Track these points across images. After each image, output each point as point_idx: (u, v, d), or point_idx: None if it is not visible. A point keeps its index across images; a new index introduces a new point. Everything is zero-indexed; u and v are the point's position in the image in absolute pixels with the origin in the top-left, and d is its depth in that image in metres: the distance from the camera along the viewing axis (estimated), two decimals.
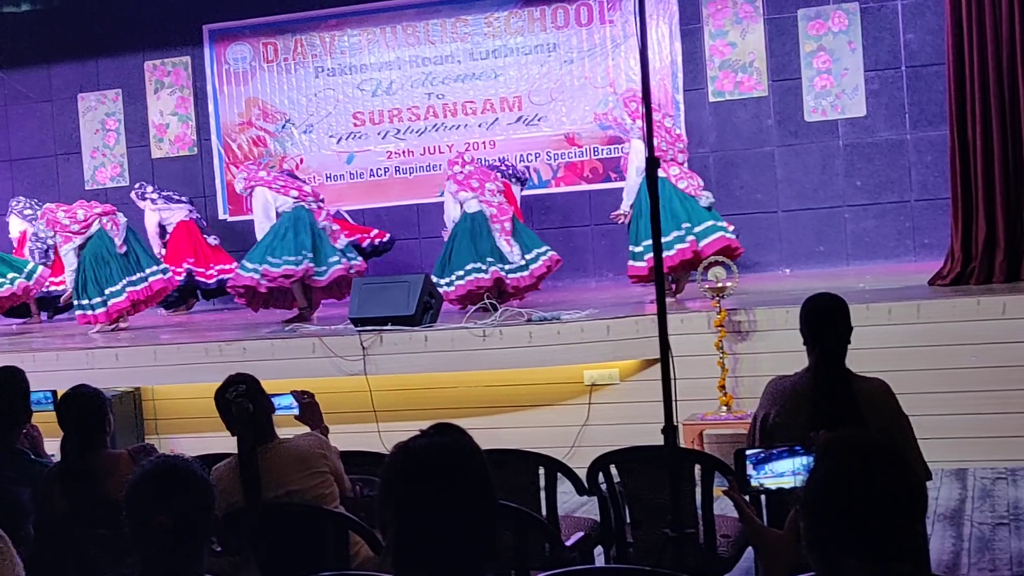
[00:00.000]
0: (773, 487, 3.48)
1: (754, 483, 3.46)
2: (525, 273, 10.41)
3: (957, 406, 7.77)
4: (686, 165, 10.23)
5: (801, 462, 3.43)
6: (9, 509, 3.55)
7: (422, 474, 2.54)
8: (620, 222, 10.10)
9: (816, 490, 2.53)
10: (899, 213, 12.14)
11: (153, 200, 13.36)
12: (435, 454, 2.56)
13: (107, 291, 11.19)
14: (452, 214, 10.64)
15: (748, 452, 3.48)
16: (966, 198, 9.05)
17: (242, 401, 4.62)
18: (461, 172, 10.77)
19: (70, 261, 11.28)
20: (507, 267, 10.34)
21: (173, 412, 9.61)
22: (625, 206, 9.89)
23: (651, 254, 9.33)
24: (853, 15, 12.18)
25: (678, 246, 9.60)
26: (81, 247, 11.31)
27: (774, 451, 3.49)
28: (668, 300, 9.54)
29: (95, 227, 11.32)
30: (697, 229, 9.70)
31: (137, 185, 13.61)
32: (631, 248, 9.80)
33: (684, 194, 9.78)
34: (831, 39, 12.25)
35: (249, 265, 10.69)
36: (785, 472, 3.46)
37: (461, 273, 10.33)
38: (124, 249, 11.31)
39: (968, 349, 7.89)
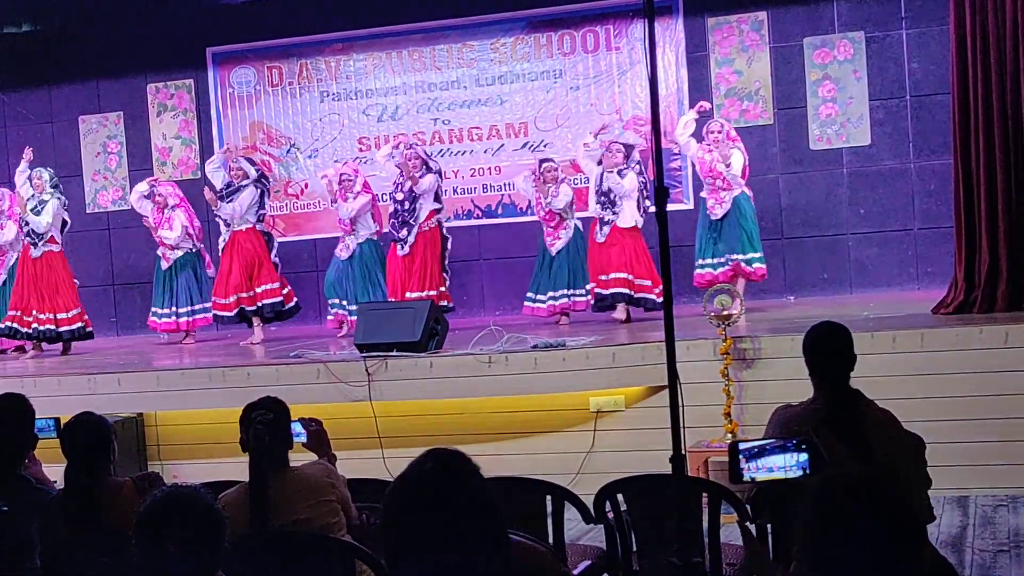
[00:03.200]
0: (764, 480, 3.52)
1: (746, 476, 3.50)
2: None
3: (959, 434, 7.80)
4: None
5: (794, 458, 3.47)
6: (18, 540, 3.55)
7: (419, 502, 2.55)
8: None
9: (807, 530, 2.57)
10: (902, 241, 12.15)
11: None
12: (431, 481, 2.57)
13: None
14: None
15: (742, 446, 3.53)
16: (969, 227, 9.08)
17: (261, 430, 4.59)
18: None
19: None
20: None
21: (176, 438, 9.58)
22: None
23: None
24: (859, 44, 12.21)
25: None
26: None
27: (767, 446, 3.53)
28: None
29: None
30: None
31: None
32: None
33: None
34: (836, 68, 12.28)
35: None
36: (777, 467, 3.50)
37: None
38: None
39: (970, 377, 7.92)
